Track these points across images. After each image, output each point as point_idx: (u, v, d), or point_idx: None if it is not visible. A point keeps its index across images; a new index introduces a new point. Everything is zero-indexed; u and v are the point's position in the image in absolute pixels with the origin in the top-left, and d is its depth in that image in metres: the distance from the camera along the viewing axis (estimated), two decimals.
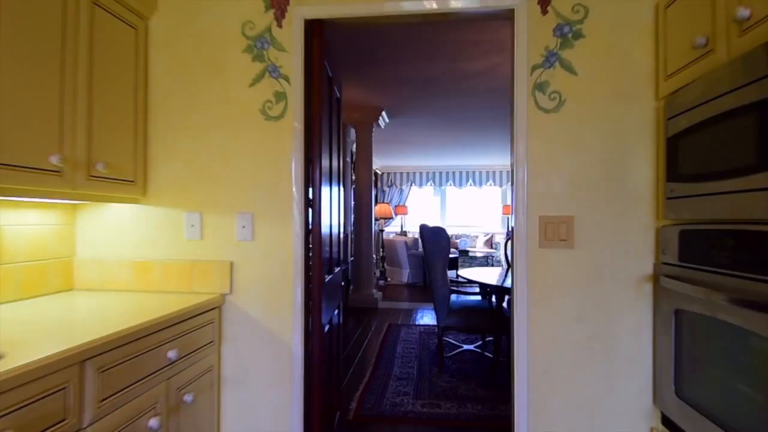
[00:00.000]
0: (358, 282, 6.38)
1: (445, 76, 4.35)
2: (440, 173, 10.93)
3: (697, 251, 1.38)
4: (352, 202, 6.48)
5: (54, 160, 1.38)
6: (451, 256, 8.25)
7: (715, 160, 1.29)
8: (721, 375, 1.28)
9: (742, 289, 1.17)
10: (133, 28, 1.81)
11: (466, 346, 4.36)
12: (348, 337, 4.65)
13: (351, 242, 6.38)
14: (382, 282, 8.42)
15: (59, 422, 1.05)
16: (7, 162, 1.25)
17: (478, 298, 4.31)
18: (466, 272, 4.47)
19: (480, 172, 10.73)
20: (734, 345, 1.23)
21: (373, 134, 6.34)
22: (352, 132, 6.25)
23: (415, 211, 11.07)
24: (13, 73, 1.28)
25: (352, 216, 6.45)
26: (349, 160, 6.18)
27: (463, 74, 4.27)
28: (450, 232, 10.40)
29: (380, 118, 6.03)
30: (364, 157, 6.42)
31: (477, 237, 10.64)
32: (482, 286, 4.07)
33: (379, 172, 10.78)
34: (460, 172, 10.80)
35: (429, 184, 11.10)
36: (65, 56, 1.46)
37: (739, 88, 1.17)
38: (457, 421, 2.81)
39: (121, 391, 1.24)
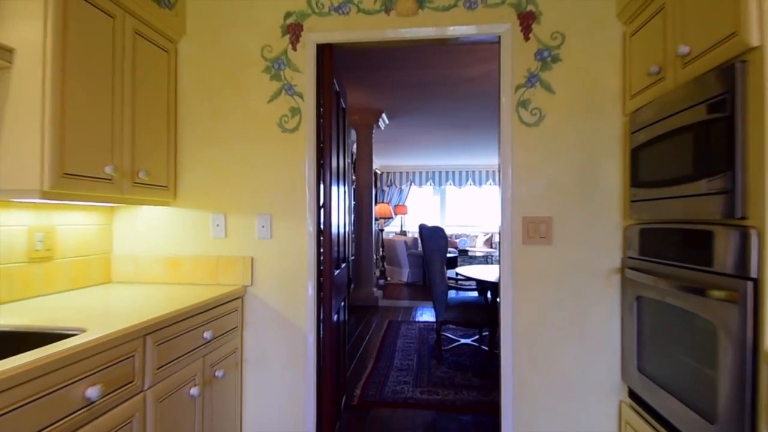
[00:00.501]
0: (359, 281, 6.61)
1: (443, 81, 4.60)
2: (440, 173, 11.03)
3: (652, 246, 1.63)
4: (353, 202, 6.71)
5: (108, 170, 1.63)
6: (450, 255, 8.50)
7: (664, 170, 1.54)
8: (670, 350, 1.53)
9: (683, 277, 1.42)
10: (165, 51, 2.06)
11: (463, 340, 4.61)
12: (350, 334, 4.89)
13: (352, 242, 6.62)
14: (382, 281, 8.65)
15: (128, 383, 1.30)
16: (74, 172, 1.50)
17: (476, 294, 4.56)
18: (464, 269, 4.72)
19: (480, 172, 10.83)
20: (679, 324, 1.47)
21: (373, 135, 6.58)
22: (353, 133, 6.48)
23: (414, 210, 11.24)
24: (79, 99, 1.53)
25: (352, 216, 6.68)
26: (349, 160, 6.42)
27: (459, 79, 4.51)
28: (450, 231, 10.65)
29: (380, 119, 6.27)
30: (364, 158, 6.66)
31: (477, 237, 10.83)
32: (479, 282, 4.31)
33: (379, 172, 10.96)
34: (460, 172, 10.91)
35: (429, 183, 11.23)
36: (114, 81, 1.71)
37: (680, 112, 1.42)
38: (453, 406, 3.06)
39: (171, 362, 1.49)
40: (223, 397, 1.90)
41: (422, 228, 4.27)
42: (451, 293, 4.48)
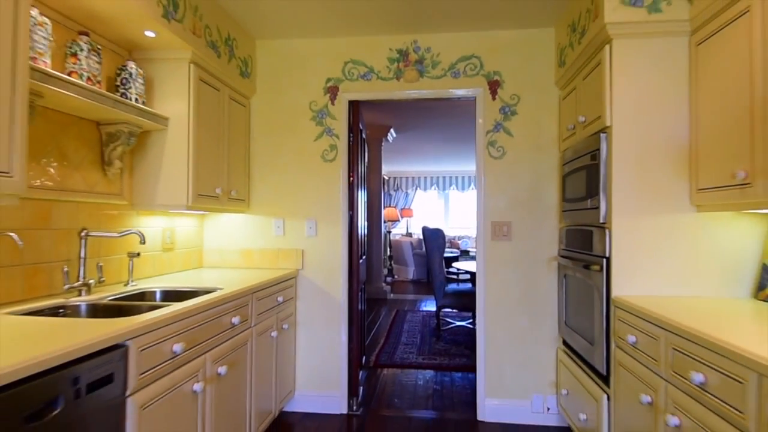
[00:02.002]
0: (370, 276, 7.50)
1: (442, 104, 5.46)
2: (444, 177, 11.78)
3: (571, 241, 2.50)
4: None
5: (218, 191, 2.53)
6: (453, 255, 9.36)
7: (575, 191, 2.41)
8: (578, 307, 2.40)
9: (582, 259, 2.29)
10: (243, 106, 2.96)
11: (458, 323, 5.48)
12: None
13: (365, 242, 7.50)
14: (390, 279, 9.51)
15: (245, 320, 2.19)
16: (202, 193, 2.40)
17: (470, 285, 5.42)
18: (460, 264, 5.59)
19: None
20: (581, 290, 2.34)
21: (382, 147, 7.47)
22: (364, 145, 7.39)
23: (420, 213, 12.05)
24: (204, 147, 2.43)
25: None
26: (364, 169, 7.31)
27: (454, 103, 5.37)
28: (453, 233, 11.48)
29: (389, 134, 7.15)
30: (374, 168, 7.55)
31: None
32: (471, 274, 5.18)
33: (386, 177, 11.74)
34: (463, 177, 11.67)
35: (433, 187, 12.00)
36: (219, 131, 2.61)
37: (580, 156, 2.30)
38: (447, 367, 3.93)
39: (263, 312, 2.39)
40: (286, 343, 2.80)
41: (425, 229, 5.16)
42: (453, 285, 5.36)
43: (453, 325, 5.41)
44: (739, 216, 1.96)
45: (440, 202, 12.28)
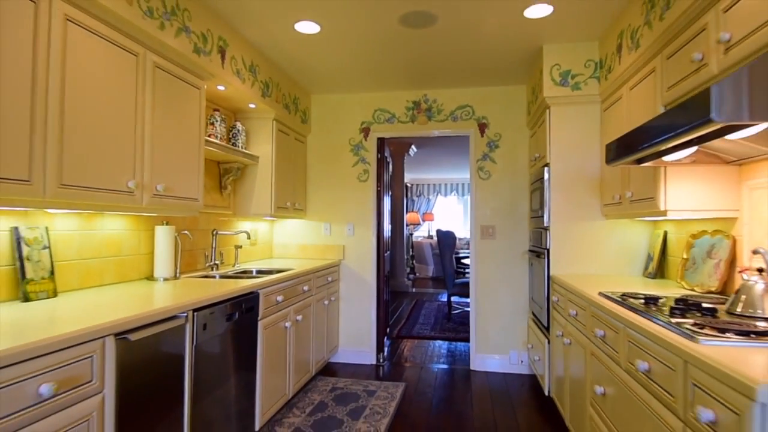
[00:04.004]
0: (394, 272, 8.61)
1: None
2: (462, 184, 12.72)
3: (533, 239, 3.56)
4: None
5: (288, 204, 3.71)
6: (465, 254, 10.39)
7: (535, 204, 3.47)
8: (536, 285, 3.44)
9: (537, 251, 3.35)
10: (303, 143, 4.15)
11: (467, 309, 6.53)
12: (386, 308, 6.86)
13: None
14: (411, 276, 10.59)
15: (309, 290, 3.35)
16: (279, 206, 3.58)
17: None
18: (465, 260, 6.64)
19: None
20: (538, 272, 3.39)
21: (404, 160, 8.59)
22: (387, 154, 8.53)
23: (440, 217, 13.06)
24: (281, 175, 3.61)
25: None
26: (388, 178, 8.46)
27: None
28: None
29: (410, 149, 8.27)
30: (397, 178, 8.68)
31: None
32: None
33: (409, 185, 12.83)
34: None
35: (453, 193, 13.02)
36: (289, 162, 3.79)
37: (537, 181, 3.36)
38: (453, 339, 5.01)
39: (319, 286, 3.55)
40: (333, 311, 3.95)
41: (438, 231, 6.25)
42: (464, 279, 6.43)
43: (462, 310, 6.47)
44: (634, 222, 2.99)
45: (459, 207, 13.25)
